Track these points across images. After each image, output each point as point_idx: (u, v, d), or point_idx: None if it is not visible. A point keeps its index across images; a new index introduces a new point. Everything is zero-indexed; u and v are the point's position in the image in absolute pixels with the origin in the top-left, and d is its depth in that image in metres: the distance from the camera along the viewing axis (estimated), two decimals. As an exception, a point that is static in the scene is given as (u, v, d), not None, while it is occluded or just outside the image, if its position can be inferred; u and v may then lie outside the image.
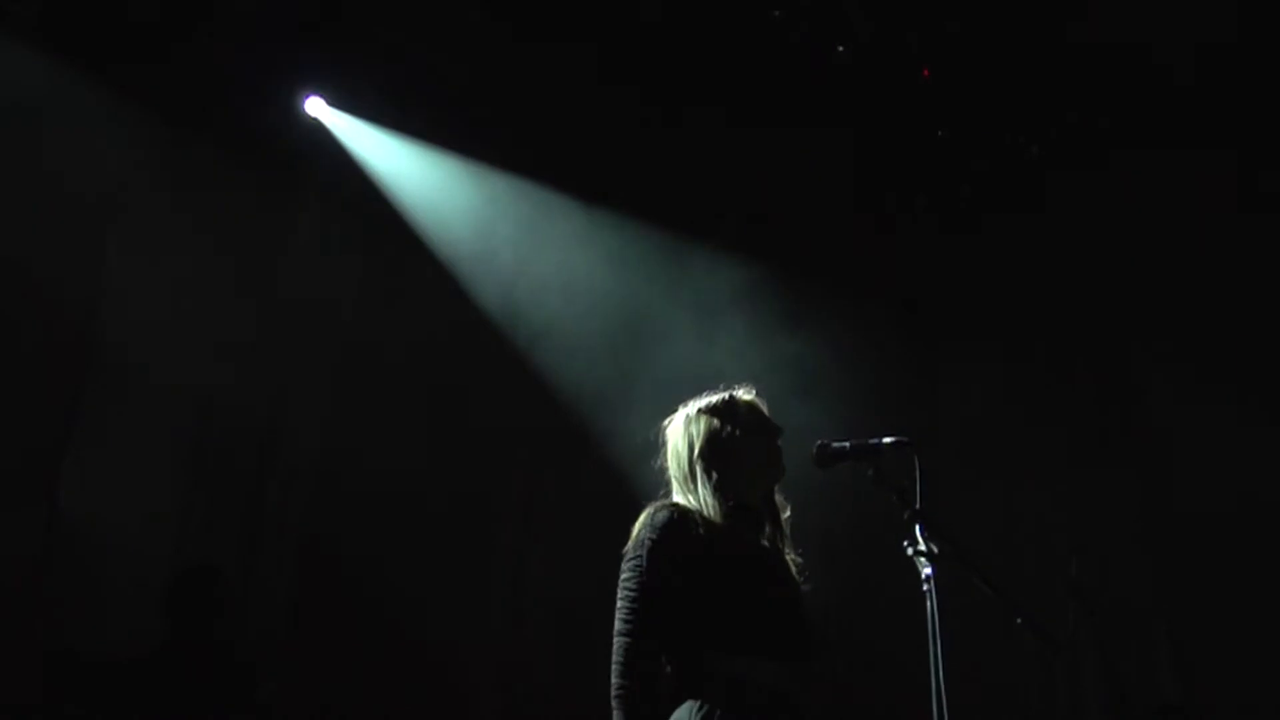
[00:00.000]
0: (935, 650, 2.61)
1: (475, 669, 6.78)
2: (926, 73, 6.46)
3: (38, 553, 5.74)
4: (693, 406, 3.19)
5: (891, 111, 6.68)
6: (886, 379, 6.97)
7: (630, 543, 2.98)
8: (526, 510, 7.11)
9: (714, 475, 3.05)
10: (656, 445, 3.22)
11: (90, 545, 5.88)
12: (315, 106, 6.69)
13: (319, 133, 6.74)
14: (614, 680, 2.83)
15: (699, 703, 2.80)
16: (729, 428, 3.09)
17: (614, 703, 2.82)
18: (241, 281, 6.68)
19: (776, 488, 3.18)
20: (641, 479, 3.30)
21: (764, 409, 3.19)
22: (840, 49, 6.36)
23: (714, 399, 3.18)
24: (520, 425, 7.08)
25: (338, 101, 6.72)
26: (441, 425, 6.77)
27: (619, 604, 2.91)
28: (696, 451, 3.09)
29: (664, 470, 3.17)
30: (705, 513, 3.00)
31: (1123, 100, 6.42)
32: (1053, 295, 7.10)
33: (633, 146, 6.97)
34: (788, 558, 3.13)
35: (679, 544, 2.91)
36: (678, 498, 3.10)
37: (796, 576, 3.10)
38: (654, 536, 2.93)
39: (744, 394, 3.20)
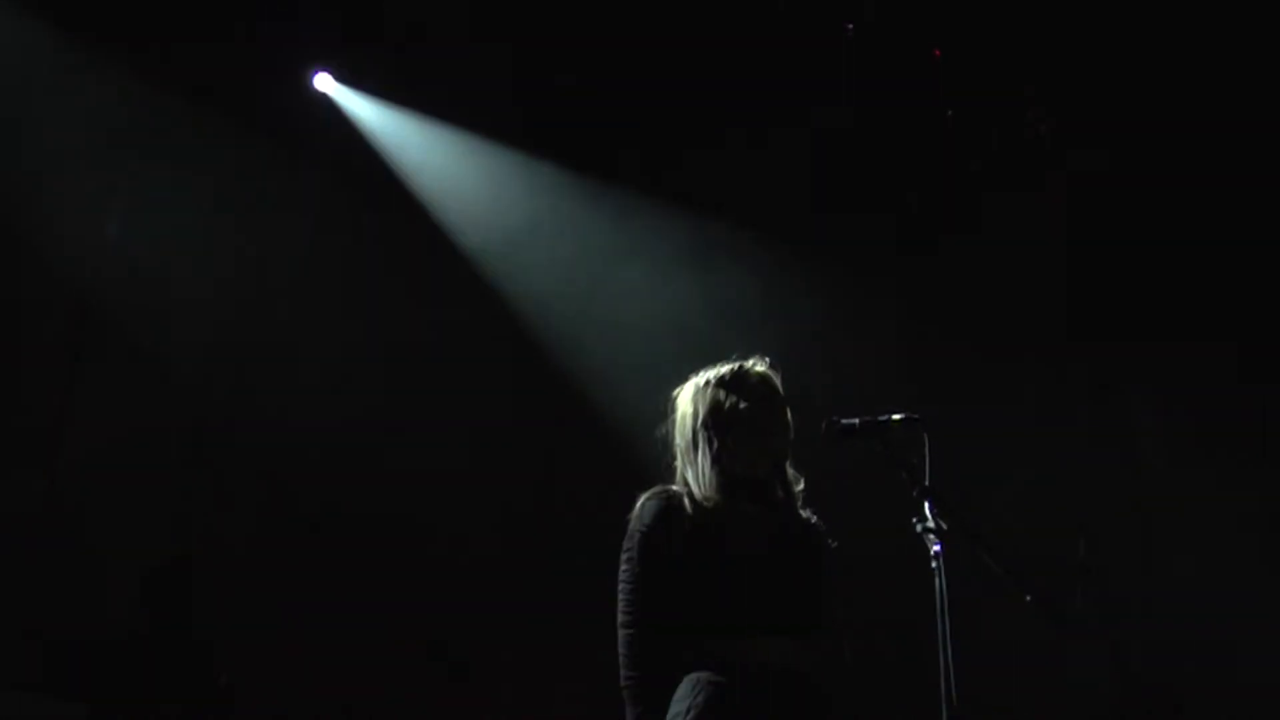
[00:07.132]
0: (944, 627, 2.59)
1: (483, 654, 6.79)
2: (938, 53, 6.41)
3: (34, 523, 5.77)
4: (702, 377, 3.16)
5: (899, 91, 6.62)
6: (883, 359, 6.96)
7: (626, 536, 3.01)
8: (533, 495, 7.12)
9: (715, 444, 3.03)
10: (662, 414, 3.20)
11: (84, 519, 5.91)
12: (324, 82, 6.67)
13: (327, 108, 6.73)
14: (622, 672, 2.89)
15: (694, 684, 2.81)
16: (734, 398, 3.07)
17: (625, 694, 2.88)
18: (244, 256, 6.68)
19: (789, 460, 3.14)
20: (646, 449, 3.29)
21: (776, 381, 3.15)
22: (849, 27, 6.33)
23: (724, 369, 3.15)
24: (530, 399, 7.08)
25: (346, 77, 6.70)
26: (445, 400, 6.77)
27: (619, 597, 2.95)
28: (700, 420, 3.07)
29: (668, 439, 3.15)
30: (700, 487, 3.01)
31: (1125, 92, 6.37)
32: (1048, 282, 7.05)
33: (629, 123, 6.94)
34: (805, 521, 3.11)
35: (668, 532, 2.94)
36: (680, 467, 3.09)
37: (814, 543, 3.08)
38: (643, 528, 2.97)
39: (756, 365, 3.16)
